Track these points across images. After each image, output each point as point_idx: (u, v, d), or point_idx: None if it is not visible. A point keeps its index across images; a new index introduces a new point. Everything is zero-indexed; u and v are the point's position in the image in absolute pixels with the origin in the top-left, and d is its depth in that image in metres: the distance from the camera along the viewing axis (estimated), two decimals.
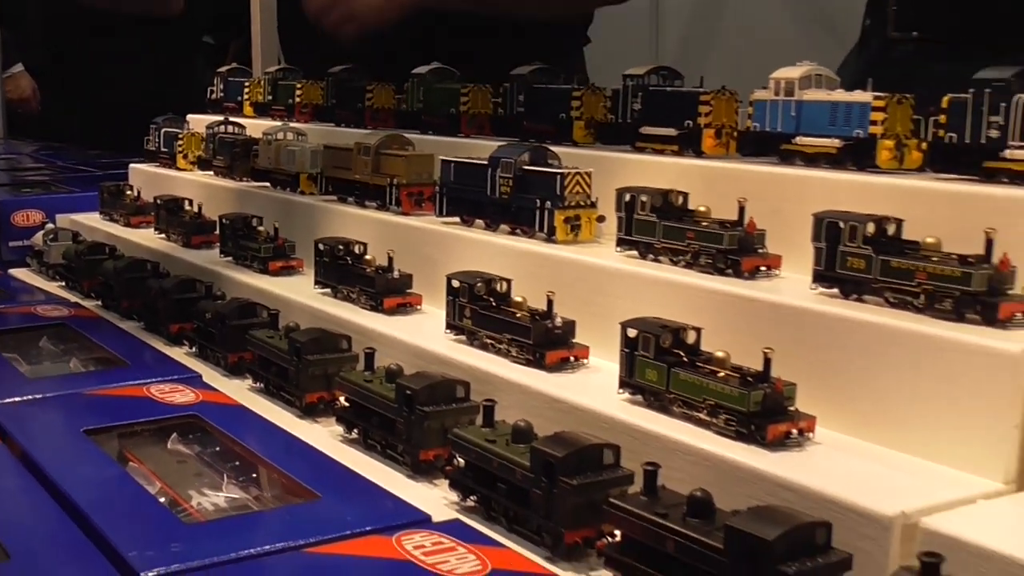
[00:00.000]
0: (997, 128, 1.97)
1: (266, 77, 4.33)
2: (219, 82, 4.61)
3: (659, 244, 2.31)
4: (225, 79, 4.59)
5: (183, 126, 4.40)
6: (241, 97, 4.45)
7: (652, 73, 2.70)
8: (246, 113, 4.39)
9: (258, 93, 4.34)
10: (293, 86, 4.10)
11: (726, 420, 1.82)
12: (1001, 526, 1.53)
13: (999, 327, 1.76)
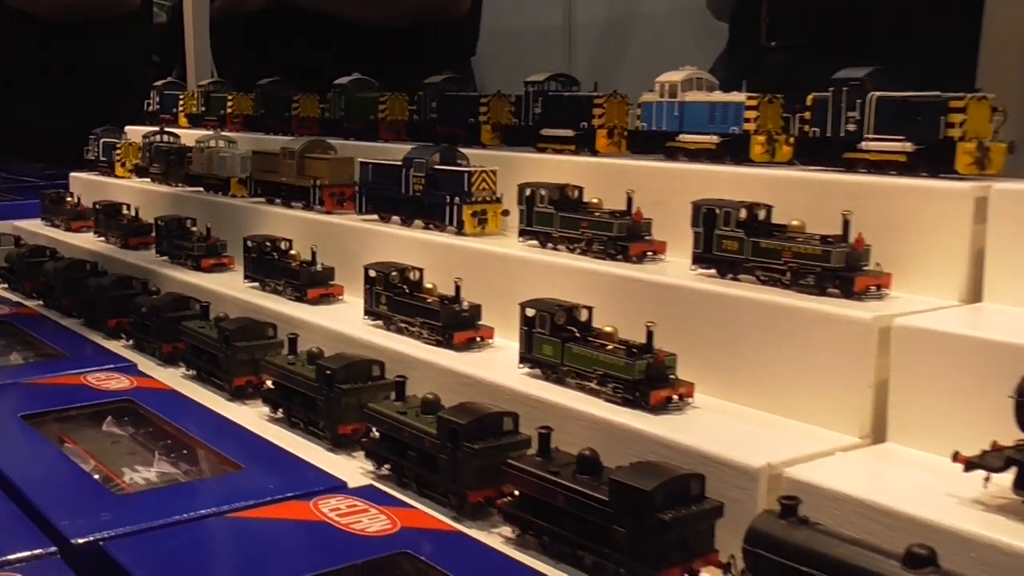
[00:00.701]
0: (854, 123, 2.03)
1: (199, 90, 4.30)
2: (155, 95, 4.56)
3: (556, 233, 2.34)
4: (161, 92, 4.55)
5: (121, 136, 4.35)
6: (176, 109, 4.41)
7: (551, 80, 2.73)
8: (181, 124, 4.35)
9: (192, 105, 4.31)
10: (225, 98, 4.08)
11: (614, 388, 1.86)
12: (854, 474, 1.58)
13: (855, 299, 1.82)
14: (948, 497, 1.45)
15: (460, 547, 1.65)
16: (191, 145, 3.77)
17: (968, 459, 1.42)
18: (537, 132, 2.70)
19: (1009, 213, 1.79)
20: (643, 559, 1.49)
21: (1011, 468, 1.38)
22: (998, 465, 1.39)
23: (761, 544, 1.38)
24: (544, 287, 2.18)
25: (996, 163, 1.89)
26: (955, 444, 1.46)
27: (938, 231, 1.85)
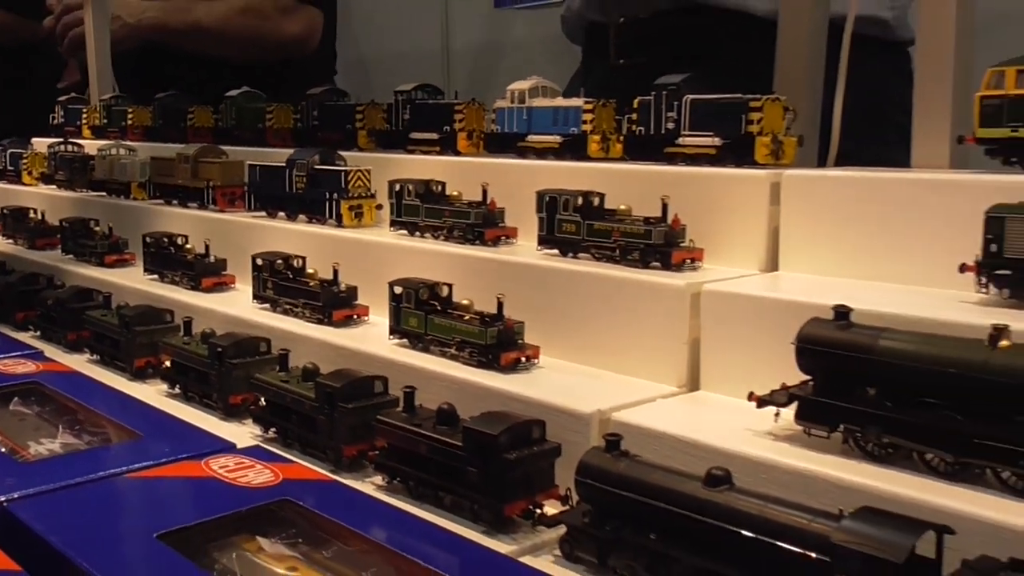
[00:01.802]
0: (672, 122, 2.12)
1: (101, 104, 4.20)
2: (59, 109, 4.43)
3: (422, 223, 2.38)
4: (65, 107, 4.42)
5: (28, 147, 4.22)
6: (80, 122, 4.30)
7: (417, 89, 2.77)
8: (85, 135, 4.24)
9: (95, 118, 4.20)
10: (125, 111, 3.99)
11: (470, 352, 1.91)
12: (670, 416, 1.65)
13: (673, 270, 1.90)
14: (745, 431, 1.54)
15: (336, 494, 1.67)
16: (93, 154, 3.69)
17: (759, 397, 1.51)
18: (406, 135, 2.73)
19: (798, 196, 1.90)
20: (492, 495, 1.55)
21: (793, 403, 1.48)
22: (783, 401, 1.49)
23: (589, 475, 1.45)
24: (412, 269, 2.21)
25: (788, 154, 2.00)
26: (756, 388, 1.54)
27: (741, 212, 1.95)
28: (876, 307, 1.52)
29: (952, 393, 1.31)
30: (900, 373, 1.36)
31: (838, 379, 1.43)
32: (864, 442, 1.40)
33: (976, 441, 1.28)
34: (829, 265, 1.85)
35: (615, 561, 1.40)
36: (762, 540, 1.23)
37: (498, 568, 1.43)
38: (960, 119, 1.84)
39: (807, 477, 1.38)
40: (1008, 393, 1.25)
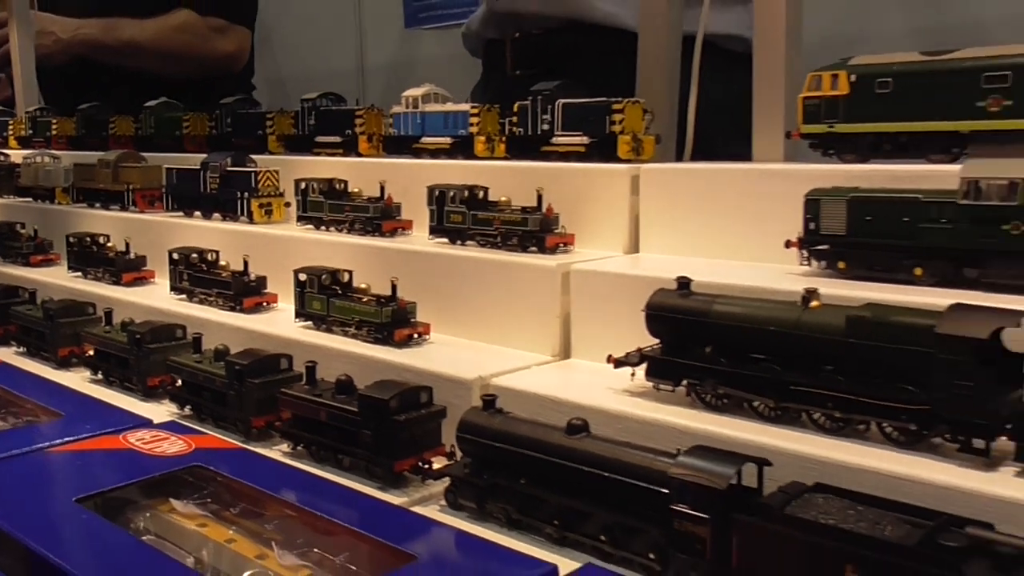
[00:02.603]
0: (547, 123, 2.20)
1: (27, 115, 4.10)
2: None
3: (327, 217, 2.41)
4: None
5: None
6: (6, 133, 4.19)
7: (322, 97, 2.79)
8: (11, 146, 4.13)
9: (20, 129, 4.11)
10: (50, 121, 3.91)
11: (367, 331, 1.96)
12: (543, 379, 1.73)
13: (547, 253, 1.98)
14: (606, 389, 1.61)
15: (245, 460, 1.70)
16: (19, 162, 3.61)
17: (616, 359, 1.59)
18: (312, 139, 2.76)
19: (654, 187, 2.00)
20: (385, 454, 1.59)
21: (644, 363, 1.57)
22: (636, 361, 1.57)
23: (468, 431, 1.51)
24: (317, 259, 2.24)
25: (648, 151, 2.09)
26: (618, 354, 1.61)
27: (607, 202, 2.04)
28: (714, 278, 1.61)
29: (773, 348, 1.41)
30: (730, 333, 1.45)
31: (680, 340, 1.52)
32: (702, 394, 1.50)
33: (792, 388, 1.38)
34: (682, 246, 1.95)
35: (492, 506, 1.47)
36: (614, 477, 1.31)
37: (391, 517, 1.48)
38: (791, 118, 1.96)
39: (655, 425, 1.46)
40: (817, 346, 1.36)
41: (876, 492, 1.18)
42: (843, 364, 1.34)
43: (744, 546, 1.17)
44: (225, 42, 4.44)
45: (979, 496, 1.16)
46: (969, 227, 1.45)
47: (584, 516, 1.36)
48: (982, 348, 1.20)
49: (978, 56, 1.59)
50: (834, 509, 1.15)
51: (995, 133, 1.57)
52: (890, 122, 1.69)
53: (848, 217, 1.58)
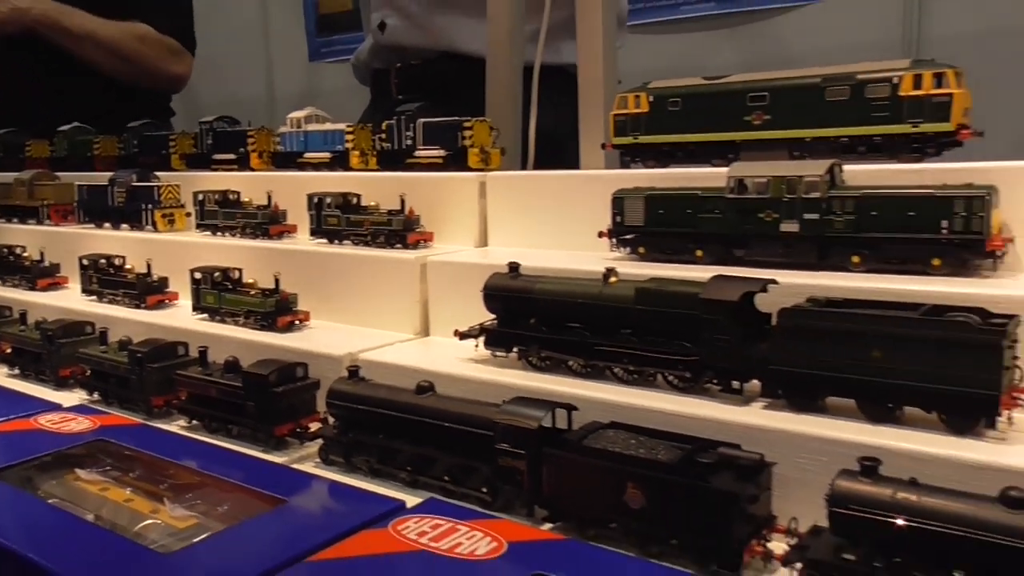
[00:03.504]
0: (410, 139, 2.27)
1: None
2: None
3: (221, 224, 2.43)
4: None
5: None
6: None
7: (218, 120, 2.80)
8: None
9: None
10: None
11: (254, 319, 2.00)
12: (404, 353, 1.80)
13: (410, 249, 2.05)
14: (455, 358, 1.70)
15: (144, 433, 1.72)
16: None
17: (461, 333, 1.68)
18: (210, 157, 2.76)
19: (499, 191, 2.09)
20: (266, 421, 1.64)
21: (483, 335, 1.66)
22: (476, 334, 1.67)
23: (336, 397, 1.57)
24: (213, 261, 2.25)
25: (494, 161, 2.19)
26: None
27: (460, 204, 2.12)
28: (541, 263, 1.72)
29: (582, 317, 1.53)
30: (549, 306, 1.56)
31: (511, 315, 1.62)
32: (529, 357, 1.60)
33: (597, 349, 1.50)
34: (522, 239, 2.05)
35: (356, 459, 1.53)
36: (452, 427, 1.40)
37: (269, 473, 1.53)
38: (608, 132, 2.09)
39: (492, 384, 1.55)
40: (615, 314, 1.48)
41: (660, 427, 1.31)
42: (634, 327, 1.46)
43: (552, 474, 1.28)
44: (176, 64, 4.26)
45: (735, 425, 1.29)
46: (735, 216, 1.59)
47: (431, 461, 1.44)
48: (735, 309, 1.34)
49: (745, 80, 1.74)
50: (621, 440, 1.26)
51: (759, 142, 1.72)
52: (680, 134, 1.83)
53: (645, 211, 1.71)
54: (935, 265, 1.40)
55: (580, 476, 1.24)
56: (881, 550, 1.01)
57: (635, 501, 1.19)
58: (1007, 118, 3.27)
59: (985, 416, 1.14)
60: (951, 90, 1.52)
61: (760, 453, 1.18)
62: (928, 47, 3.89)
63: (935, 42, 3.88)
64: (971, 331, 1.14)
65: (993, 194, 1.39)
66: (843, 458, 1.13)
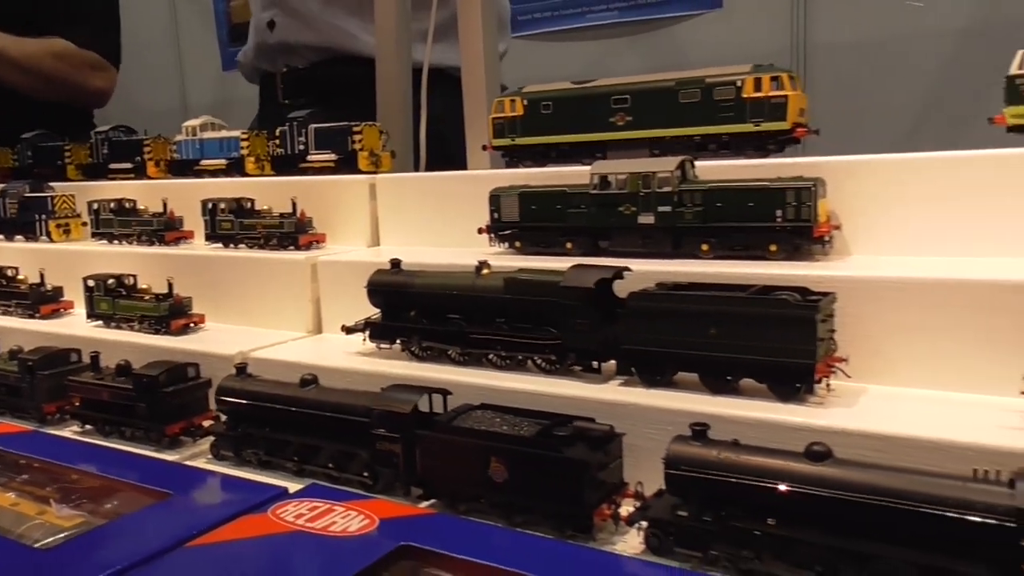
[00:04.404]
0: (303, 144, 2.31)
1: None
2: None
3: (117, 232, 2.42)
4: None
5: None
6: None
7: (114, 129, 2.78)
8: None
9: None
10: None
11: (148, 323, 2.01)
12: (294, 351, 1.84)
13: (302, 250, 2.09)
14: (343, 352, 1.75)
15: (35, 440, 1.71)
16: None
17: (347, 328, 1.74)
18: (107, 166, 2.74)
19: (388, 193, 2.16)
20: (157, 421, 1.67)
21: (367, 329, 1.72)
22: (361, 328, 1.73)
23: (224, 394, 1.61)
24: (110, 269, 2.24)
25: (385, 164, 2.26)
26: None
27: (352, 206, 2.18)
28: (424, 259, 1.79)
29: (458, 308, 1.60)
30: (427, 299, 1.63)
31: (393, 308, 1.69)
32: (411, 348, 1.67)
33: (472, 337, 1.58)
34: (412, 238, 2.12)
35: (246, 453, 1.58)
36: (333, 416, 1.46)
37: (164, 470, 1.55)
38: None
39: (376, 375, 1.61)
40: (487, 304, 1.56)
41: (529, 407, 1.39)
42: (505, 316, 1.54)
43: (424, 455, 1.35)
44: (97, 78, 4.15)
45: (593, 401, 1.38)
46: (599, 211, 1.70)
47: (316, 450, 1.49)
48: (591, 295, 1.44)
49: (608, 84, 1.85)
50: (487, 419, 1.34)
51: (623, 141, 1.83)
52: (553, 135, 1.92)
53: (519, 208, 1.80)
54: (772, 250, 1.53)
55: (449, 455, 1.32)
56: (709, 505, 1.12)
57: (498, 475, 1.27)
58: (884, 115, 3.49)
59: (804, 383, 1.26)
60: (786, 92, 1.65)
61: (611, 425, 1.27)
62: (813, 53, 4.11)
63: (819, 49, 4.11)
64: (789, 307, 1.26)
65: (820, 185, 1.52)
66: (685, 427, 1.24)
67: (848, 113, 3.69)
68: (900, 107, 3.66)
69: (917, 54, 3.77)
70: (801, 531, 1.06)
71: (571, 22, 4.87)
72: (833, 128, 3.84)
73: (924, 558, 0.99)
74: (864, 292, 1.36)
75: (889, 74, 3.82)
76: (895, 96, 3.71)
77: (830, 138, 1.69)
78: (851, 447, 1.13)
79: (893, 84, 3.77)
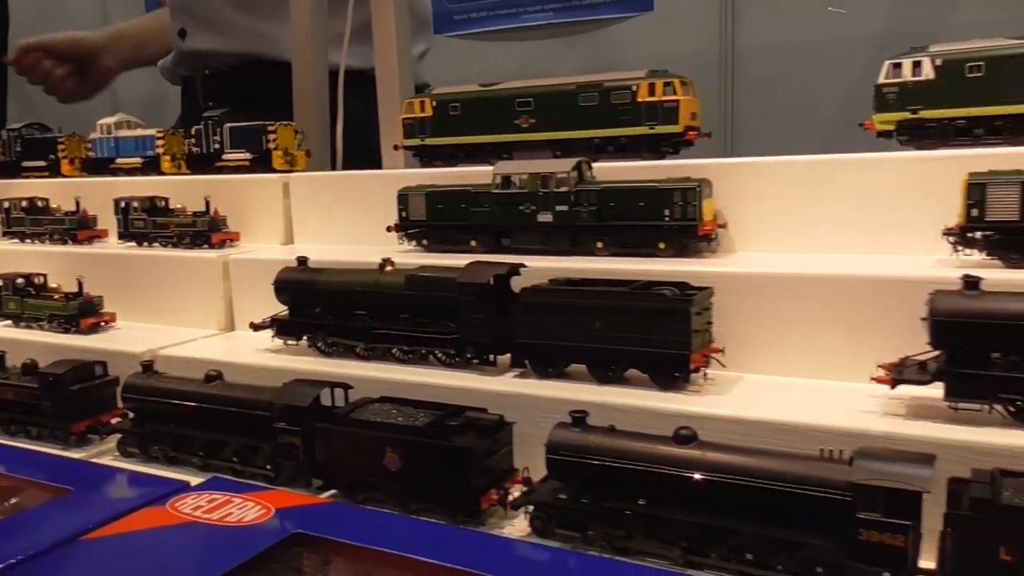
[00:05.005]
0: (218, 144, 2.32)
1: None
2: None
3: (28, 230, 2.39)
4: None
5: None
6: None
7: (27, 127, 2.73)
8: None
9: None
10: None
11: (58, 322, 1.99)
12: (204, 348, 1.85)
13: (215, 249, 2.10)
14: (252, 349, 1.77)
15: None
16: None
17: (255, 325, 1.76)
18: (19, 164, 2.69)
19: (302, 192, 2.17)
20: (63, 419, 1.66)
21: (274, 326, 1.75)
22: (268, 325, 1.75)
23: (130, 391, 1.61)
24: (21, 268, 2.21)
25: (300, 163, 2.27)
26: None
27: (265, 204, 2.19)
28: (332, 257, 1.82)
29: (362, 304, 1.64)
30: (332, 296, 1.67)
31: (299, 305, 1.72)
32: (317, 344, 1.70)
33: (376, 333, 1.62)
34: (326, 236, 2.14)
35: (152, 449, 1.59)
36: (237, 411, 1.48)
37: (69, 469, 1.55)
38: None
39: (282, 371, 1.63)
40: (390, 300, 1.60)
41: (428, 399, 1.43)
42: (407, 311, 1.59)
43: (323, 446, 1.38)
44: None
45: (488, 392, 1.44)
46: (501, 210, 1.75)
47: (221, 445, 1.52)
48: (486, 290, 1.49)
49: (513, 87, 1.90)
50: (383, 411, 1.38)
51: (528, 143, 1.89)
52: (461, 136, 1.97)
53: (426, 207, 1.84)
54: (661, 248, 1.60)
55: (347, 446, 1.35)
56: (587, 488, 1.18)
57: (393, 464, 1.32)
58: (807, 115, 3.61)
59: (681, 372, 1.34)
60: (678, 97, 1.73)
61: (501, 415, 1.33)
62: (740, 56, 4.24)
63: (746, 51, 4.24)
64: (666, 301, 1.33)
65: (705, 186, 1.60)
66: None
67: (773, 113, 3.83)
68: (822, 108, 3.80)
69: (838, 58, 3.92)
70: (668, 510, 1.13)
71: (507, 22, 4.92)
72: (759, 128, 3.96)
73: (777, 532, 1.07)
74: (740, 287, 1.44)
75: (812, 76, 3.96)
76: (818, 97, 3.85)
77: (757, 138, 1.77)
78: (720, 431, 1.20)
79: (816, 86, 3.91)
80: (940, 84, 1.53)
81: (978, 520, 0.96)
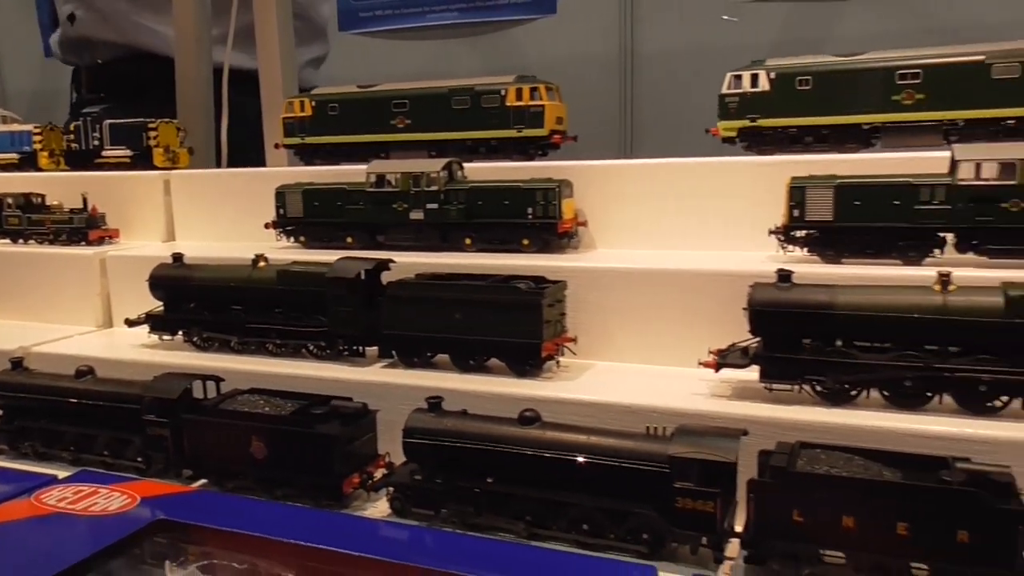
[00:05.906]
0: (98, 140, 2.29)
1: None
2: None
3: None
4: None
5: None
6: None
7: None
8: None
9: None
10: None
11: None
12: (79, 345, 1.83)
13: (93, 246, 2.07)
14: (127, 345, 1.77)
15: None
16: None
17: (129, 321, 1.76)
18: None
19: (183, 189, 2.17)
20: None
21: (149, 321, 1.76)
22: (142, 320, 1.76)
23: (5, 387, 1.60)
24: None
25: (183, 160, 2.27)
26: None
27: (147, 201, 2.18)
28: (211, 254, 1.83)
29: (236, 299, 1.67)
30: (205, 291, 1.69)
31: (175, 300, 1.73)
32: (192, 339, 1.72)
33: (248, 326, 1.65)
34: (209, 234, 2.14)
35: (22, 446, 1.58)
36: (107, 405, 1.49)
37: None
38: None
39: (155, 366, 1.60)
40: (260, 294, 1.63)
41: (299, 390, 1.47)
42: (280, 305, 1.63)
43: (191, 437, 1.41)
44: None
45: (356, 382, 1.49)
46: (375, 207, 1.80)
47: (92, 439, 1.52)
48: (355, 285, 1.55)
49: (389, 88, 1.96)
50: (250, 402, 1.42)
51: (404, 143, 1.95)
52: (339, 136, 2.02)
53: (303, 204, 1.88)
54: (525, 244, 1.69)
55: (214, 436, 1.39)
56: (440, 468, 1.25)
57: (259, 452, 1.36)
58: (704, 119, 3.77)
59: (533, 360, 1.43)
60: (543, 102, 1.82)
61: (364, 403, 1.39)
62: (640, 59, 4.39)
63: (644, 55, 4.39)
64: (519, 294, 1.42)
65: (565, 186, 1.69)
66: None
67: (671, 116, 3.99)
68: (716, 112, 3.98)
69: (734, 64, 4.12)
70: (513, 487, 1.21)
71: (412, 21, 4.95)
72: (658, 131, 4.10)
73: (608, 503, 1.17)
74: (592, 280, 1.54)
75: (708, 80, 4.15)
76: (713, 101, 4.03)
77: (656, 140, 1.84)
78: (564, 413, 1.29)
79: (712, 90, 4.10)
80: (775, 95, 1.67)
81: (775, 486, 1.07)
